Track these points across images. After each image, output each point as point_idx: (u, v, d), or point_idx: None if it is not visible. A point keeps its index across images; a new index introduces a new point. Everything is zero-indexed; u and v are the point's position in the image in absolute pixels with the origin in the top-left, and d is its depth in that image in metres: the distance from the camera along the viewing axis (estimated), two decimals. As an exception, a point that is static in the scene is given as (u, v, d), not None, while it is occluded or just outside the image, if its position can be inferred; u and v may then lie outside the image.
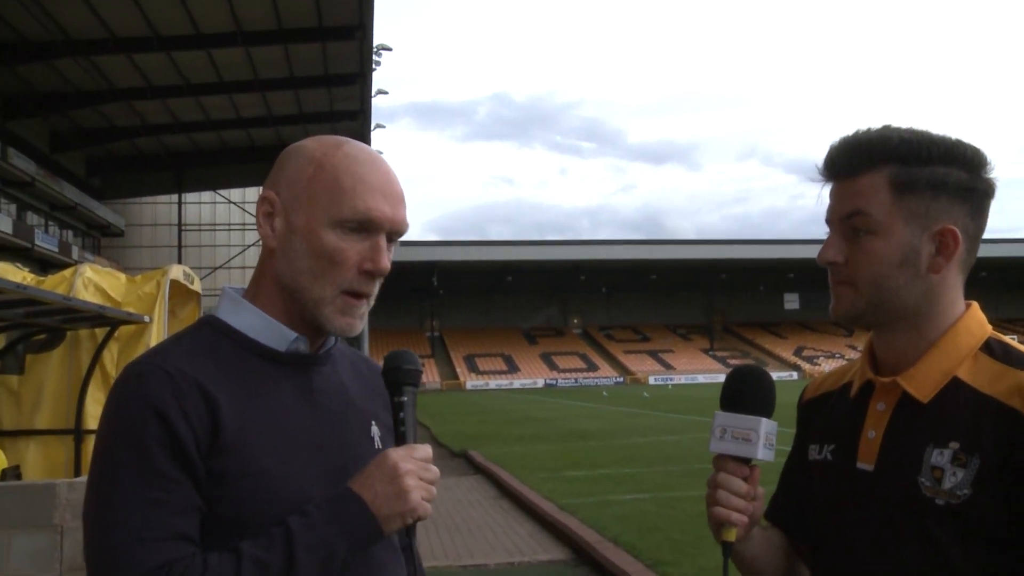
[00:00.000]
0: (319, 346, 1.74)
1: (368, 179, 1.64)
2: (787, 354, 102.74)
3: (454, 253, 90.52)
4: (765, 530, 1.86)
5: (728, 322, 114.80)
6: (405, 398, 1.66)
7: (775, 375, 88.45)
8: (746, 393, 1.70)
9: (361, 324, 1.69)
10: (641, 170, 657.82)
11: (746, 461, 1.67)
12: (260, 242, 1.73)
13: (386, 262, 1.66)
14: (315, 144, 1.70)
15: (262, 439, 1.57)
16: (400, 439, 1.63)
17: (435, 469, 1.61)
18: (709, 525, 1.71)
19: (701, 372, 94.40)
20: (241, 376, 1.62)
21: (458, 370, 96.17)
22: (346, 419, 1.73)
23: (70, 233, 58.29)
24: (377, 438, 1.77)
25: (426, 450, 1.61)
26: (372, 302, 1.70)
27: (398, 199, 1.68)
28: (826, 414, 1.84)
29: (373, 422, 1.79)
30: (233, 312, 1.70)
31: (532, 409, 41.72)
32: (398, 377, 1.67)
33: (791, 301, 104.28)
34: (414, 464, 1.57)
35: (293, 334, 1.68)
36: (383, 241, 1.66)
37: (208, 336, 1.67)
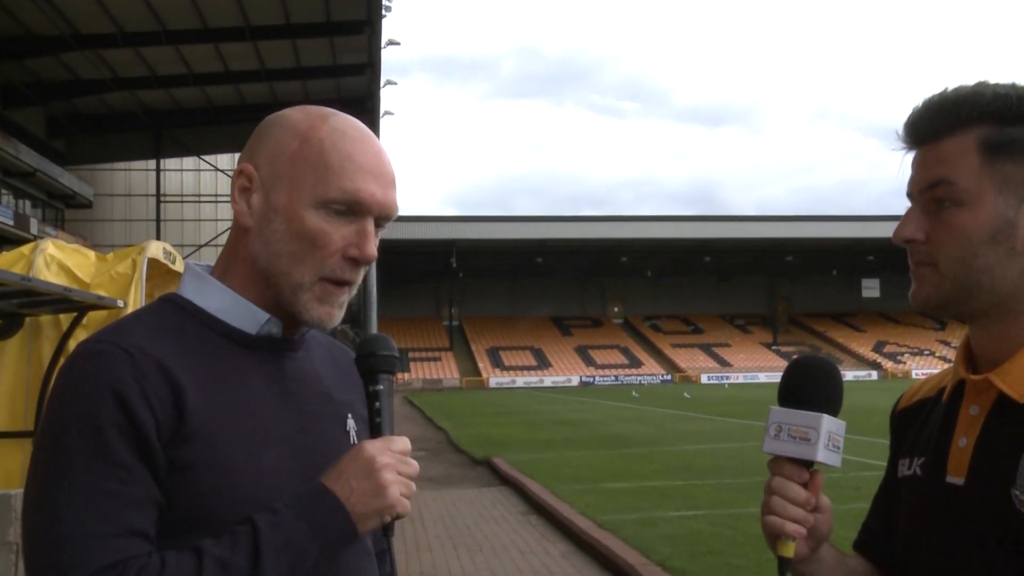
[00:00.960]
0: (294, 331, 1.81)
1: (357, 157, 1.70)
2: (865, 350, 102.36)
3: (476, 230, 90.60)
4: (845, 557, 1.85)
5: (794, 312, 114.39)
6: (381, 386, 1.72)
7: (850, 375, 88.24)
8: (807, 386, 1.68)
9: (340, 314, 1.75)
10: (692, 134, 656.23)
11: (807, 465, 1.66)
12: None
13: (373, 249, 1.72)
14: (300, 115, 1.76)
15: (229, 429, 1.62)
16: (376, 431, 1.69)
17: (414, 463, 1.67)
18: (765, 537, 1.71)
19: (762, 370, 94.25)
20: (207, 359, 1.68)
21: (480, 365, 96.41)
22: (320, 410, 1.80)
23: (28, 203, 58.52)
24: (353, 432, 1.85)
25: (404, 443, 1.67)
26: (354, 291, 1.77)
27: (389, 181, 1.74)
28: (920, 424, 1.83)
29: (349, 415, 1.86)
30: (198, 291, 1.76)
31: (566, 411, 41.84)
32: (373, 364, 1.74)
33: (870, 288, 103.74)
34: (392, 457, 1.63)
35: (265, 315, 1.74)
36: (371, 226, 1.72)
37: (170, 315, 1.73)
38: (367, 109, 48.70)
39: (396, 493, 1.60)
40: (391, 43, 54.17)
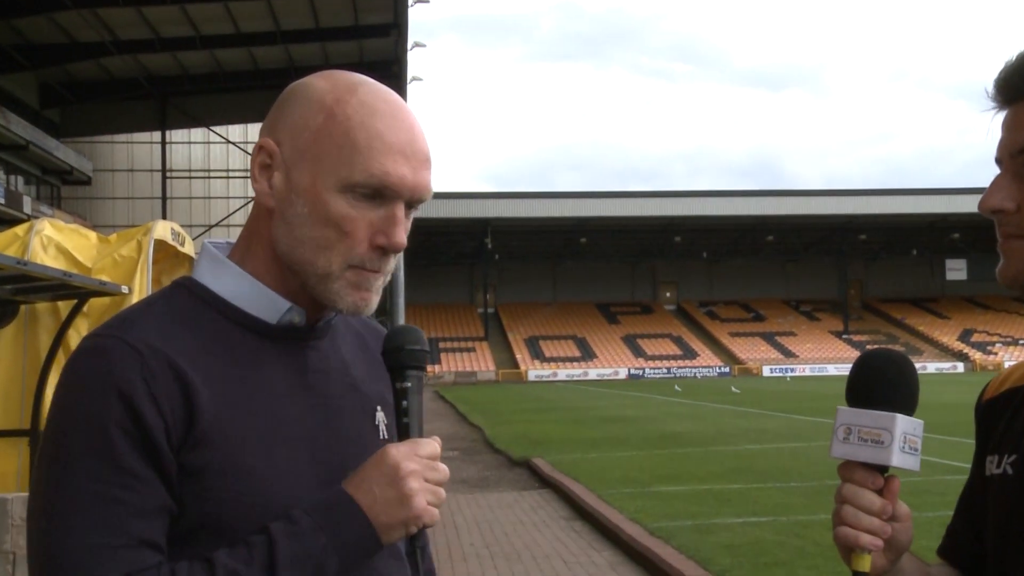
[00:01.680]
0: (318, 318, 1.83)
1: (386, 136, 1.69)
2: (950, 339, 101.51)
3: (513, 208, 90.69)
4: (928, 567, 1.84)
5: (868, 297, 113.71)
6: (409, 384, 1.74)
7: (932, 367, 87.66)
8: (878, 383, 1.67)
9: (377, 299, 1.77)
10: (752, 99, 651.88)
11: (881, 470, 1.65)
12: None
13: (403, 237, 1.72)
14: (326, 85, 1.75)
15: (246, 429, 1.65)
16: (403, 432, 1.71)
17: (444, 468, 1.68)
18: (838, 550, 1.70)
19: (831, 362, 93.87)
20: (223, 353, 1.70)
21: (518, 356, 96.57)
22: (345, 404, 1.83)
23: (20, 179, 58.86)
24: (383, 426, 1.88)
25: (432, 446, 1.69)
26: (388, 278, 1.78)
27: (422, 161, 1.74)
28: (1009, 417, 1.81)
29: (379, 407, 1.88)
30: (214, 275, 1.78)
31: (613, 406, 41.92)
32: (401, 359, 1.75)
33: (956, 270, 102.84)
34: (418, 463, 1.64)
35: (286, 303, 1.76)
36: (401, 211, 1.72)
37: (184, 303, 1.74)
38: (393, 74, 48.66)
39: (422, 503, 1.62)
40: (418, 0, 54.18)
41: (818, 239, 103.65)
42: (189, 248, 9.56)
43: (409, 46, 50.65)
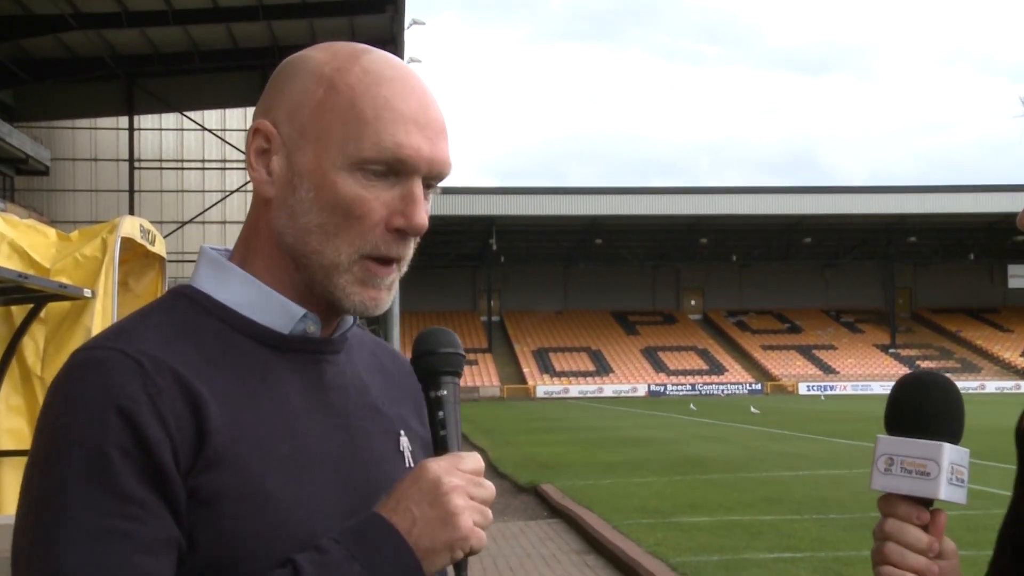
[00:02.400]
0: (333, 328, 1.80)
1: (397, 104, 1.68)
2: (1011, 355, 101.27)
3: (520, 205, 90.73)
4: None
5: (918, 307, 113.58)
6: (444, 392, 1.70)
7: (993, 385, 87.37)
8: (921, 409, 1.67)
9: (390, 298, 1.74)
10: (789, 84, 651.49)
11: (926, 503, 1.65)
12: (248, 185, 1.77)
13: (423, 216, 1.70)
14: (324, 56, 1.74)
15: (262, 450, 1.61)
16: (441, 446, 1.67)
17: (489, 486, 1.64)
18: None
19: (876, 379, 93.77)
20: (233, 367, 1.66)
21: (525, 370, 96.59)
22: (368, 425, 1.79)
23: (-32, 170, 58.85)
24: (407, 452, 1.84)
25: (476, 460, 1.64)
26: (404, 268, 1.75)
27: (437, 130, 1.72)
28: None
29: (402, 431, 1.85)
30: (217, 281, 1.75)
31: (631, 427, 42.01)
32: (434, 364, 1.72)
33: (1019, 276, 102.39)
34: (462, 478, 1.60)
35: (300, 310, 1.73)
36: (419, 188, 1.70)
37: (185, 313, 1.71)
38: (388, 55, 48.58)
39: (469, 522, 1.57)
40: (417, -28, 54.04)
41: (861, 241, 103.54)
42: (160, 247, 9.56)
43: (406, 24, 50.70)
